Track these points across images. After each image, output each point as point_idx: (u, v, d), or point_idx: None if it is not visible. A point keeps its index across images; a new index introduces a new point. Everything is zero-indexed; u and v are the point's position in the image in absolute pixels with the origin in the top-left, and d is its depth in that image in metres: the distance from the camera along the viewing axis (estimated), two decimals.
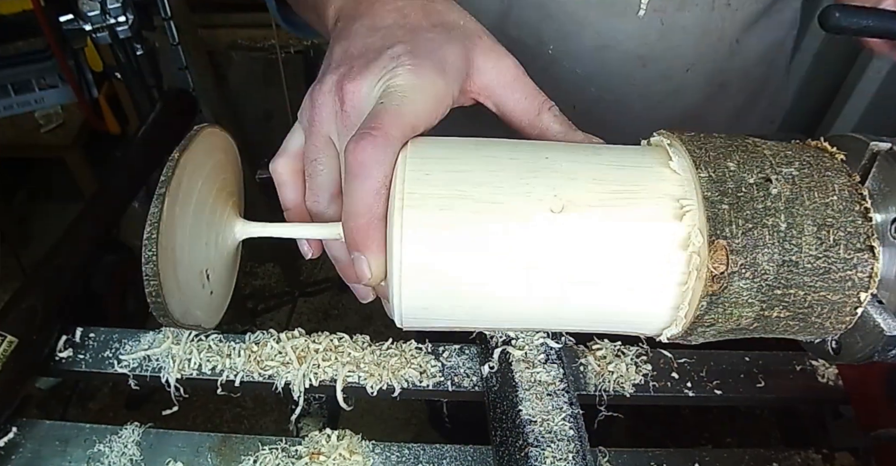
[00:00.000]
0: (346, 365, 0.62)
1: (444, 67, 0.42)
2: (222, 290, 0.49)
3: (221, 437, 0.61)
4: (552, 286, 0.38)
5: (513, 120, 0.46)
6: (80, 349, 0.65)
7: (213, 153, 0.46)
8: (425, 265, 0.37)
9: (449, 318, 0.40)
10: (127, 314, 1.92)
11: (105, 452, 0.59)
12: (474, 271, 0.37)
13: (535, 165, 0.39)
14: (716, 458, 0.61)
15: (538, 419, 0.56)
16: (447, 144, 0.41)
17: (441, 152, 0.39)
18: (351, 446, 0.59)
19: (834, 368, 0.66)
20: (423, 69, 0.41)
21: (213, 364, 0.63)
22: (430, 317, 0.40)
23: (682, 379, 0.64)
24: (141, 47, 1.16)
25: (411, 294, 0.38)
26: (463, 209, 0.37)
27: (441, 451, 0.59)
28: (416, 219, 0.37)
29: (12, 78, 1.94)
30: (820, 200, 0.37)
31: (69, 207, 2.30)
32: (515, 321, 0.41)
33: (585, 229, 0.37)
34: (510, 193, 0.37)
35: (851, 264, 0.36)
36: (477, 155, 0.39)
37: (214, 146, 0.46)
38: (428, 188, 0.37)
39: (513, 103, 0.45)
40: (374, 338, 0.66)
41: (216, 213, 0.46)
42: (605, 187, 0.38)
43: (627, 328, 0.41)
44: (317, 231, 0.45)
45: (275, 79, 1.75)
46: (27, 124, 1.99)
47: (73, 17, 1.05)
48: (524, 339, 0.63)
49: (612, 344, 0.65)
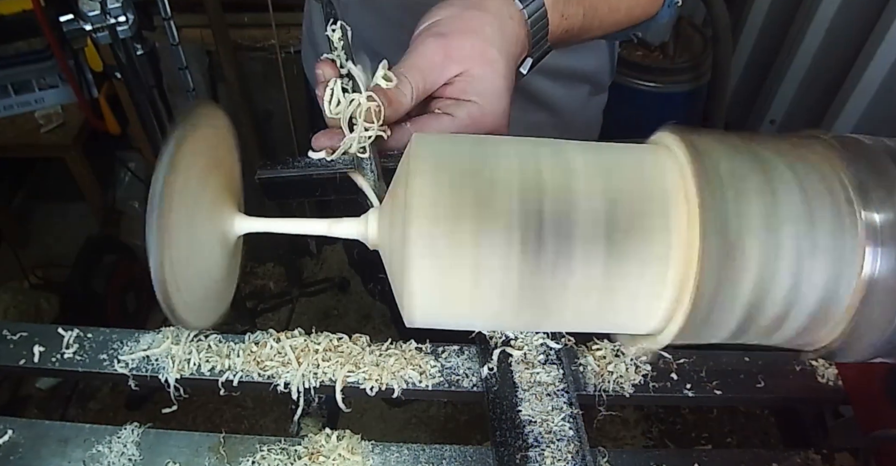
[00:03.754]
0: (345, 366, 0.62)
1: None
2: (224, 285, 0.49)
3: (221, 437, 0.61)
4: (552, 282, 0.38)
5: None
6: (80, 349, 0.65)
7: (208, 144, 0.46)
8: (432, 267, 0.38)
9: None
10: (127, 313, 1.92)
11: (104, 452, 0.59)
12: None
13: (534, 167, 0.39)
14: (716, 458, 0.61)
15: (538, 419, 0.56)
16: (450, 143, 0.41)
17: (446, 156, 0.40)
18: (350, 446, 0.59)
19: (834, 368, 0.66)
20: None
21: (213, 364, 0.63)
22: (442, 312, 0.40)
23: (682, 379, 0.64)
24: (141, 47, 1.16)
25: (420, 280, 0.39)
26: (465, 209, 0.37)
27: (441, 451, 0.59)
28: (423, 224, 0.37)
29: (12, 78, 1.94)
30: (819, 199, 0.37)
31: (69, 207, 2.30)
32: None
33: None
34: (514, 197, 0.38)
35: (845, 263, 0.36)
36: (483, 155, 0.40)
37: (210, 133, 0.46)
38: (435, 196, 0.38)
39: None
40: (374, 338, 0.66)
41: (214, 208, 0.46)
42: (606, 186, 0.38)
43: (626, 328, 0.41)
44: (312, 226, 0.46)
45: (275, 79, 1.75)
46: (27, 124, 1.99)
47: (73, 17, 1.05)
48: (523, 339, 0.63)
49: (611, 344, 0.65)
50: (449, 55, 0.52)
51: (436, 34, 0.53)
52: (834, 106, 1.71)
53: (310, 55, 1.07)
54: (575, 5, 0.60)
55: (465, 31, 0.53)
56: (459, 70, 0.52)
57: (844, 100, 1.66)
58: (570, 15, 0.59)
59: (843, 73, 1.67)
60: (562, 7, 0.58)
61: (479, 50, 0.52)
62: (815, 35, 1.77)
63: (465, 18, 0.54)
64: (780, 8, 1.95)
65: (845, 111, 1.66)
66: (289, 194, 0.59)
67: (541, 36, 0.58)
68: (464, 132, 0.51)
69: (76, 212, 2.30)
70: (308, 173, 0.57)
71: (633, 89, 1.83)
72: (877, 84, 1.58)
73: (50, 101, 2.02)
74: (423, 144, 0.41)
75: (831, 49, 1.75)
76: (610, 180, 0.39)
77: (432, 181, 0.38)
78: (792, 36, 1.86)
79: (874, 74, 1.57)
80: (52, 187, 2.35)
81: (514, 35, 0.55)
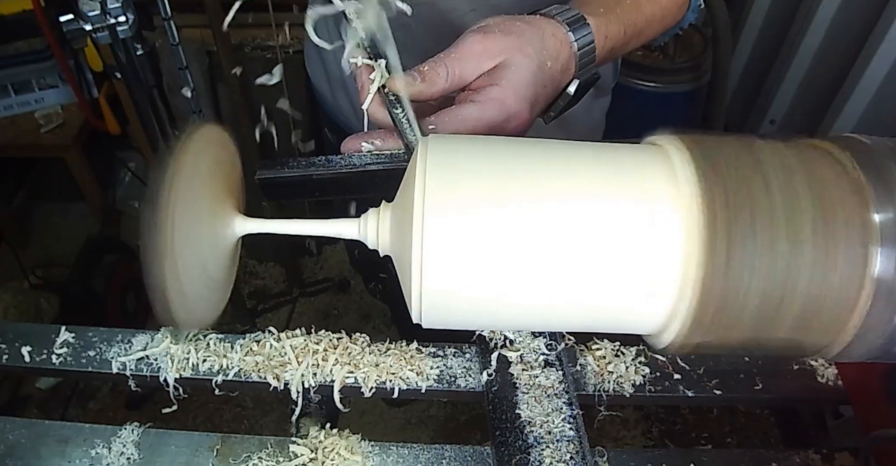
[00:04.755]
0: (345, 366, 0.62)
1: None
2: (222, 285, 0.49)
3: (221, 437, 0.61)
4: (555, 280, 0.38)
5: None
6: (80, 350, 0.65)
7: (209, 151, 0.46)
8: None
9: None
10: (127, 313, 1.92)
11: (104, 452, 0.59)
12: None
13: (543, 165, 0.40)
14: (716, 458, 0.61)
15: (538, 420, 0.56)
16: (464, 145, 0.42)
17: (459, 156, 0.41)
18: (350, 446, 0.59)
19: (834, 368, 0.66)
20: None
21: (212, 364, 0.63)
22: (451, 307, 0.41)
23: (681, 379, 0.64)
24: (141, 47, 1.15)
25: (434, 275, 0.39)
26: (478, 209, 0.38)
27: (441, 451, 0.59)
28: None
29: (12, 78, 1.94)
30: (819, 199, 0.37)
31: (69, 207, 2.31)
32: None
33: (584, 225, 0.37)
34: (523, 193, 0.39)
35: (851, 264, 0.36)
36: (497, 157, 0.41)
37: (211, 143, 0.47)
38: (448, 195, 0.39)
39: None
40: (374, 338, 0.66)
41: (215, 209, 0.46)
42: (607, 186, 0.38)
43: (627, 325, 0.41)
44: (312, 226, 0.46)
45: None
46: (27, 124, 1.99)
47: (73, 17, 1.05)
48: (523, 341, 0.63)
49: (611, 344, 0.65)
50: (487, 48, 0.56)
51: (478, 31, 0.57)
52: (834, 106, 1.71)
53: (312, 55, 1.07)
54: (616, 24, 0.63)
55: (507, 32, 0.57)
56: (495, 63, 0.56)
57: (844, 100, 1.66)
58: (612, 35, 0.63)
59: (843, 73, 1.67)
60: (605, 29, 0.62)
61: (516, 45, 0.56)
62: (815, 35, 1.77)
63: (509, 24, 0.58)
64: (780, 8, 1.95)
65: (845, 111, 1.66)
66: (289, 194, 0.59)
67: (588, 60, 0.61)
68: (487, 114, 0.54)
69: (76, 212, 2.30)
70: (308, 173, 0.57)
71: (633, 89, 1.84)
72: (877, 84, 1.58)
73: (50, 101, 2.02)
74: (436, 143, 0.41)
75: (831, 49, 1.75)
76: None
77: (443, 179, 0.39)
78: (792, 36, 1.86)
79: (874, 74, 1.57)
80: (52, 187, 2.36)
81: (555, 51, 0.58)
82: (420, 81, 0.53)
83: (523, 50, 0.56)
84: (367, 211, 0.47)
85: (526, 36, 0.57)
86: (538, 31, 0.58)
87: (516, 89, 0.55)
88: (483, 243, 0.38)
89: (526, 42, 0.56)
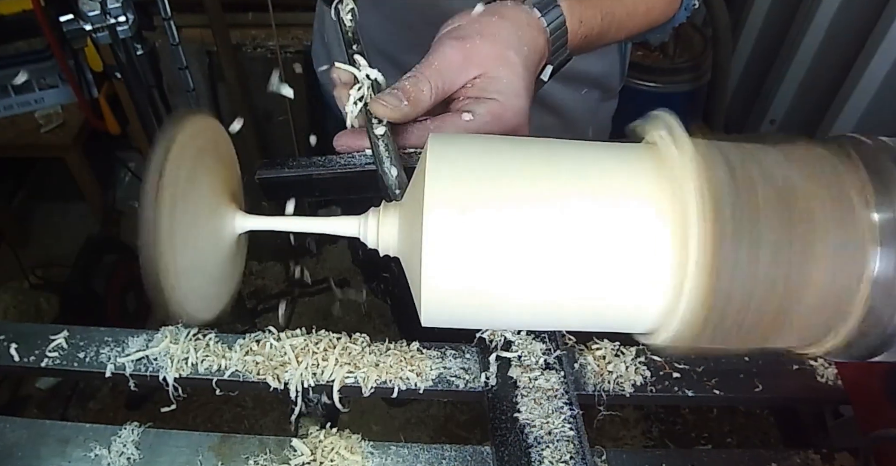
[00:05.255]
0: (344, 366, 0.62)
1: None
2: (224, 281, 0.49)
3: (221, 437, 0.61)
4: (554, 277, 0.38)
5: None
6: (79, 350, 0.65)
7: (198, 142, 0.46)
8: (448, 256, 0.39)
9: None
10: (127, 313, 1.92)
11: (104, 452, 0.59)
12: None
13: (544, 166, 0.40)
14: (716, 458, 0.61)
15: (537, 420, 0.56)
16: (466, 141, 0.42)
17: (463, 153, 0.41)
18: (350, 446, 0.59)
19: (834, 368, 0.66)
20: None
21: (212, 364, 0.63)
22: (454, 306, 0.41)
23: (681, 379, 0.64)
24: (141, 47, 1.16)
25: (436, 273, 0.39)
26: (479, 207, 0.38)
27: (440, 451, 0.59)
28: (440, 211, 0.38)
29: (12, 78, 1.94)
30: (818, 199, 0.37)
31: (69, 207, 2.30)
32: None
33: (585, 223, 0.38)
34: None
35: (849, 264, 0.36)
36: (499, 155, 0.41)
37: (200, 135, 0.47)
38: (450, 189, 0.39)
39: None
40: (374, 338, 0.66)
41: (214, 206, 0.46)
42: (609, 186, 0.38)
43: (626, 324, 0.41)
44: (312, 224, 0.46)
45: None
46: (27, 124, 1.99)
47: (73, 17, 1.05)
48: (523, 341, 0.63)
49: (611, 344, 0.65)
50: (468, 58, 0.54)
51: (455, 38, 0.55)
52: (834, 106, 1.71)
53: (321, 54, 1.06)
54: (592, 10, 0.61)
55: (484, 35, 0.55)
56: (478, 72, 0.54)
57: (844, 100, 1.66)
58: (587, 20, 0.61)
59: (843, 73, 1.67)
60: (579, 13, 0.60)
61: (497, 52, 0.54)
62: (815, 35, 1.77)
63: (483, 24, 0.56)
64: (780, 8, 1.95)
65: (845, 111, 1.66)
66: (289, 194, 0.59)
67: (560, 44, 0.59)
68: (485, 130, 0.53)
69: (76, 212, 2.30)
70: (308, 173, 0.57)
71: (632, 89, 1.84)
72: (877, 84, 1.59)
73: (50, 101, 2.02)
74: (440, 142, 0.41)
75: (831, 49, 1.75)
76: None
77: (449, 177, 0.39)
78: (792, 36, 1.86)
79: (874, 74, 1.57)
80: (52, 187, 2.36)
81: (532, 41, 0.56)
82: (405, 103, 0.51)
83: (505, 57, 0.54)
84: (368, 210, 0.47)
85: (503, 36, 0.55)
86: (514, 25, 0.56)
87: (512, 104, 0.54)
88: (492, 242, 0.38)
89: (506, 46, 0.55)
